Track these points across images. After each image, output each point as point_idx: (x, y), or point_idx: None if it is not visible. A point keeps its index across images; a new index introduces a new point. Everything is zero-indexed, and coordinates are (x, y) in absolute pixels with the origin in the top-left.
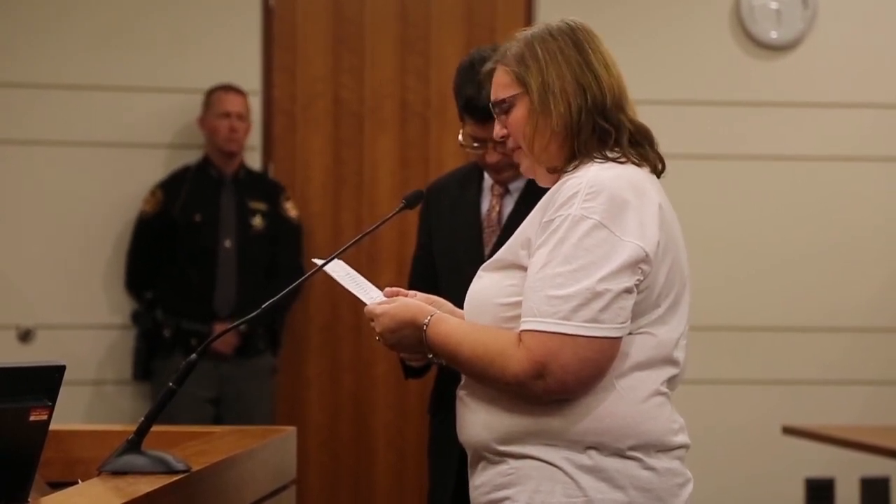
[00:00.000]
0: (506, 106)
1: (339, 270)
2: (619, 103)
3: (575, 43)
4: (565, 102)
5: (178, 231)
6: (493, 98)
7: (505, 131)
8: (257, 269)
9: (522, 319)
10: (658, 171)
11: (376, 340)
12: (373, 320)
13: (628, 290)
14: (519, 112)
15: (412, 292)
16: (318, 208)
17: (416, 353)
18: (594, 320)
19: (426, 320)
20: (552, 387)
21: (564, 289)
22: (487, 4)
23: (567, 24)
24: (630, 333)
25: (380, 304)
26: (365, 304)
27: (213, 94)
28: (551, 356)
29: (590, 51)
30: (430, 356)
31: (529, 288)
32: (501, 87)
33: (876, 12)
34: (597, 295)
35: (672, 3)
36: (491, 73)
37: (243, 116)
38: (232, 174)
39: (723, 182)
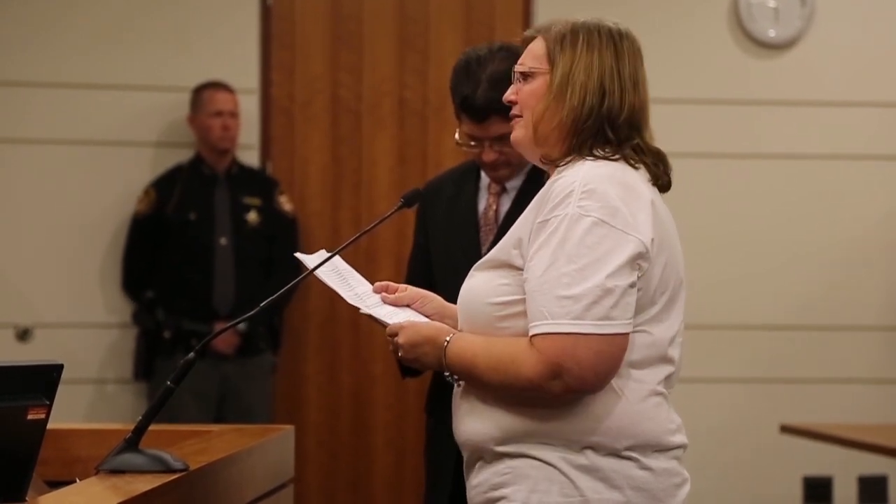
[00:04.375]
0: (527, 74)
1: (325, 268)
2: (635, 123)
3: (616, 48)
4: (581, 97)
5: (172, 230)
6: (518, 62)
7: (515, 97)
8: (254, 266)
9: (531, 324)
10: (661, 186)
11: (392, 352)
12: (395, 335)
13: (632, 286)
14: (535, 85)
15: (402, 286)
16: (317, 206)
17: (428, 370)
18: (607, 317)
19: (447, 338)
20: (571, 385)
21: (572, 288)
22: (486, 2)
23: (620, 29)
24: None
25: (404, 321)
26: (344, 300)
27: (203, 93)
28: (566, 355)
29: (627, 62)
30: (446, 375)
31: (535, 291)
32: (531, 56)
33: (874, 10)
34: (607, 292)
35: (670, 1)
36: (507, 60)
37: (235, 114)
38: (225, 171)
39: (721, 180)
